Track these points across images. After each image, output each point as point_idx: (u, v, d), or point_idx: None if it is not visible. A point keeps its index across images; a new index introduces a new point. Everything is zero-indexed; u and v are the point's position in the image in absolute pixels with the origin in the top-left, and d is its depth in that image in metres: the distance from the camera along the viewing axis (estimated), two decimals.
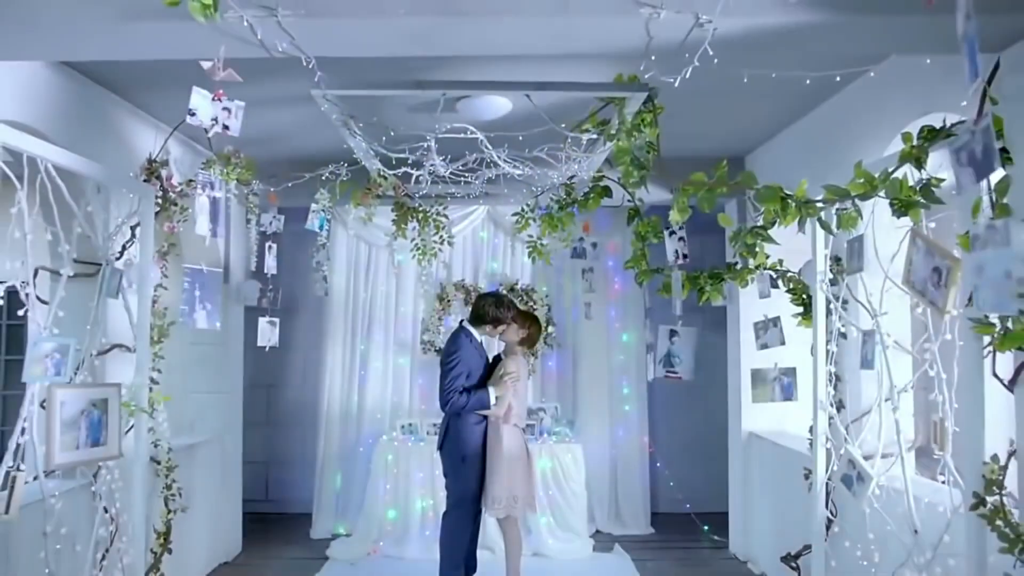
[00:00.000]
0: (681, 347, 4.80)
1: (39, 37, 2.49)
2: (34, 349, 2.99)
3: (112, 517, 3.72)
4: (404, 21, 2.37)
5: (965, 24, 1.59)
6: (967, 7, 1.58)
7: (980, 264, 1.95)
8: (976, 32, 1.61)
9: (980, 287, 1.99)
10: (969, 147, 1.88)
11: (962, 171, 1.95)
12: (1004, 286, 1.84)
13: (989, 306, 2.00)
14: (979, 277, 1.96)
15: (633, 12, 2.34)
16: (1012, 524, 2.53)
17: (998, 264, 1.87)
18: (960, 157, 1.95)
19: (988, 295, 1.92)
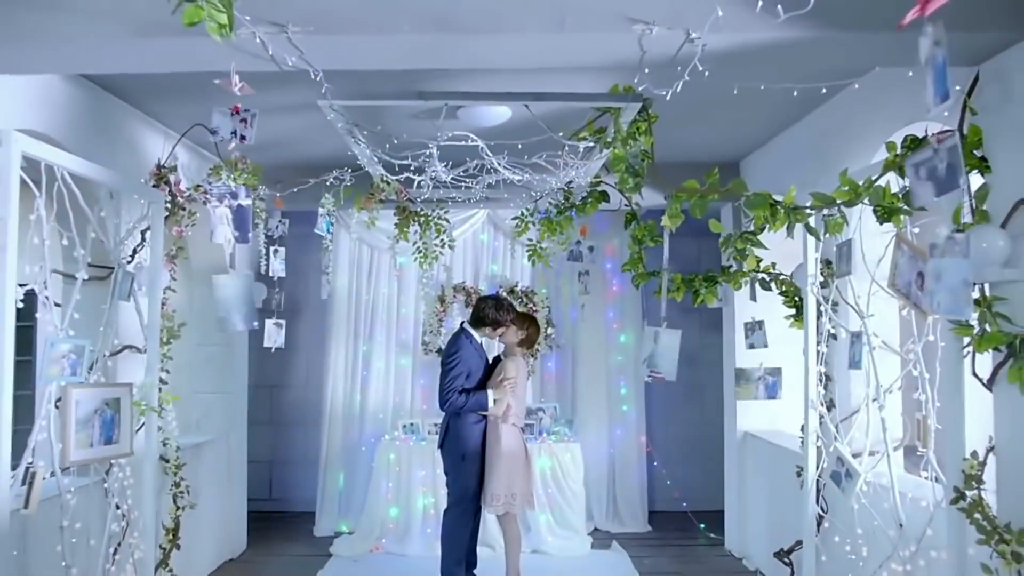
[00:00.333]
0: (665, 348, 4.90)
1: (61, 52, 2.60)
2: (51, 350, 3.10)
3: (123, 513, 3.83)
4: (408, 37, 2.49)
5: (932, 50, 1.70)
6: (934, 36, 1.69)
7: (938, 271, 2.07)
8: (944, 58, 1.72)
9: (937, 293, 2.11)
10: (931, 163, 2.00)
11: (920, 185, 2.07)
12: (961, 293, 1.95)
13: (945, 310, 2.12)
14: (936, 284, 2.08)
15: (626, 29, 2.46)
16: (989, 517, 2.64)
17: (957, 272, 1.98)
18: (919, 172, 2.06)
19: (945, 300, 2.04)
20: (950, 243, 2.07)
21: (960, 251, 2.01)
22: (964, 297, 1.97)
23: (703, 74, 2.68)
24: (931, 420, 3.03)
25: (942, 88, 1.76)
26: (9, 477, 2.80)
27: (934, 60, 1.73)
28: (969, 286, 1.97)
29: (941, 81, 1.75)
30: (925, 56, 1.78)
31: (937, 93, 1.77)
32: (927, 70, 1.77)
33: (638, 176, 3.23)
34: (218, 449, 5.54)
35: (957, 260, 2.00)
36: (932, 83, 1.77)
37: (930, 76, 1.77)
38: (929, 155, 2.01)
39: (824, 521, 4.06)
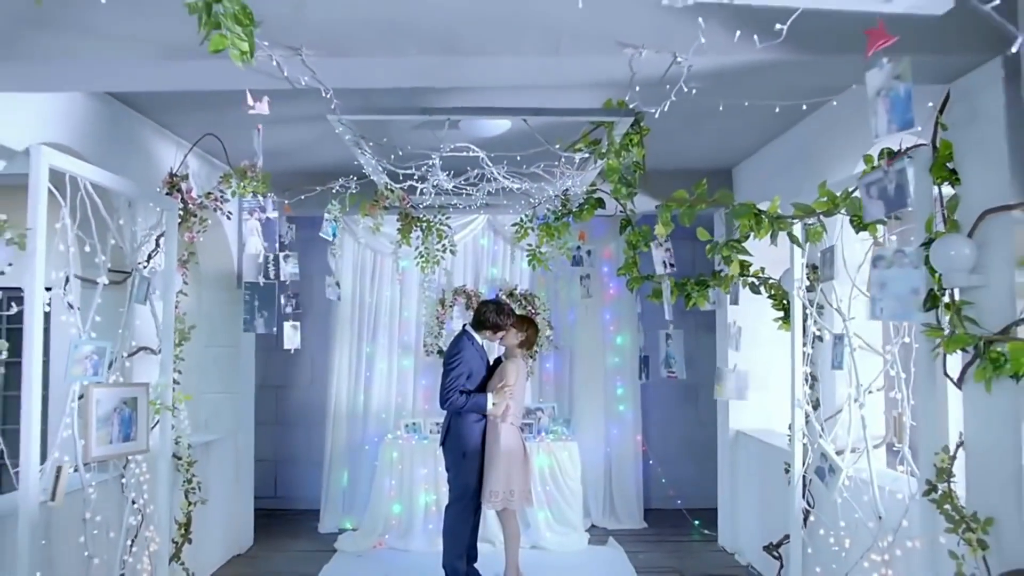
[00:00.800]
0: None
1: (91, 72, 2.78)
2: (75, 351, 3.28)
3: (139, 508, 4.00)
4: (414, 59, 2.66)
5: (891, 82, 1.87)
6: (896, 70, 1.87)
7: (883, 281, 2.25)
8: (907, 90, 1.89)
9: (881, 299, 2.30)
10: (881, 184, 2.18)
11: (871, 202, 2.25)
12: (909, 299, 2.13)
13: (889, 315, 2.31)
14: (881, 291, 2.26)
15: (617, 52, 2.64)
16: (957, 508, 2.82)
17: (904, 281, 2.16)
18: (870, 191, 2.24)
19: (890, 306, 2.22)
20: (898, 256, 2.25)
21: (910, 263, 2.19)
22: (913, 303, 2.15)
23: (691, 92, 2.87)
24: (906, 417, 3.20)
25: (904, 117, 1.93)
26: (38, 472, 2.98)
27: (894, 91, 1.91)
28: (918, 294, 2.15)
29: (902, 110, 1.92)
30: (875, 87, 1.95)
31: (896, 121, 1.94)
32: (877, 100, 1.94)
33: (631, 186, 3.41)
34: (226, 448, 5.71)
35: (905, 270, 2.18)
36: (889, 112, 1.95)
37: (883, 106, 1.94)
38: (880, 176, 2.19)
39: (811, 515, 4.24)
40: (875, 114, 1.96)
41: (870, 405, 3.66)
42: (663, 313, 4.88)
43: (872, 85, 1.97)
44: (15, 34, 2.64)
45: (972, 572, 2.73)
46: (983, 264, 2.77)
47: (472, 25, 2.58)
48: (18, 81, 2.86)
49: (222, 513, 5.53)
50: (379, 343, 6.88)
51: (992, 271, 2.74)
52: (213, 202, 4.79)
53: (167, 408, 4.16)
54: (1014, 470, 2.63)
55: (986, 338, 2.69)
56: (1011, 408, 2.65)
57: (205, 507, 4.82)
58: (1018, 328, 2.61)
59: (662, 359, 5.06)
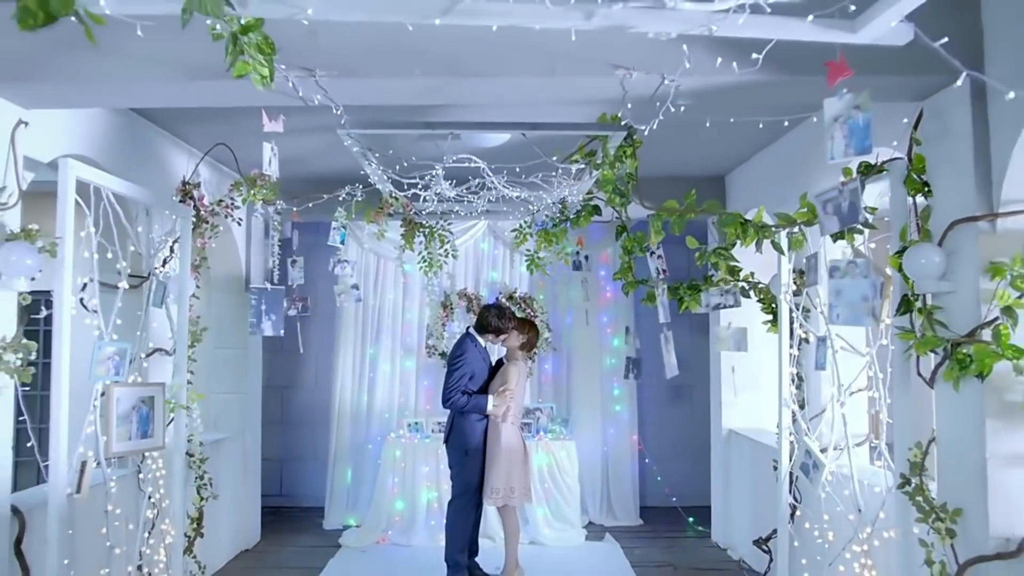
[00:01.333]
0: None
1: (118, 91, 2.98)
2: (98, 352, 3.47)
3: (155, 502, 4.19)
4: (420, 80, 2.86)
5: (851, 112, 2.06)
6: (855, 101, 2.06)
7: (839, 289, 2.45)
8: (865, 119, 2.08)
9: (837, 306, 2.50)
10: (836, 201, 2.37)
11: (826, 218, 2.45)
12: (860, 306, 2.33)
13: (843, 320, 2.51)
14: (836, 299, 2.46)
15: (609, 73, 2.83)
16: (928, 499, 3.01)
17: (856, 290, 2.35)
18: (826, 207, 2.44)
19: (844, 312, 2.42)
20: (851, 266, 2.45)
21: (861, 273, 2.38)
22: (864, 309, 2.35)
23: (679, 109, 3.06)
24: (883, 415, 3.39)
25: (862, 143, 2.12)
26: (66, 467, 3.17)
27: (853, 120, 2.10)
28: (867, 301, 2.34)
29: (861, 137, 2.11)
30: (833, 114, 2.14)
31: (854, 147, 2.13)
32: (835, 126, 2.13)
33: (624, 196, 3.60)
34: (234, 446, 5.89)
35: (858, 280, 2.37)
36: (847, 138, 2.14)
37: (841, 131, 2.13)
38: (835, 194, 2.39)
39: (797, 510, 4.43)
40: (832, 139, 2.15)
41: (854, 404, 3.84)
42: (657, 316, 5.06)
43: (830, 112, 2.16)
44: (51, 56, 2.83)
45: (940, 559, 2.92)
46: (952, 271, 2.97)
47: (473, 49, 2.77)
48: (53, 99, 3.06)
49: (230, 509, 5.70)
50: (382, 345, 7.07)
51: (960, 278, 2.93)
52: (224, 209, 4.98)
53: (182, 407, 4.34)
54: (979, 464, 2.82)
55: (953, 340, 2.89)
56: (977, 406, 2.84)
57: (214, 504, 4.99)
58: (983, 331, 2.81)
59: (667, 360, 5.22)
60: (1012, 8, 2.81)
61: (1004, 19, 2.85)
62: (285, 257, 5.35)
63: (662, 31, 2.04)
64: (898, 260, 3.10)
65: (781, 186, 5.01)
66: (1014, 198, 2.83)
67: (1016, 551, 2.68)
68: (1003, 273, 2.76)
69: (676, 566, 5.69)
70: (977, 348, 2.78)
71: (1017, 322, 2.72)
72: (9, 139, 3.10)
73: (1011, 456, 2.78)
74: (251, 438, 6.23)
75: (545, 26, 2.05)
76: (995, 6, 2.90)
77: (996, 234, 2.85)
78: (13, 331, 3.09)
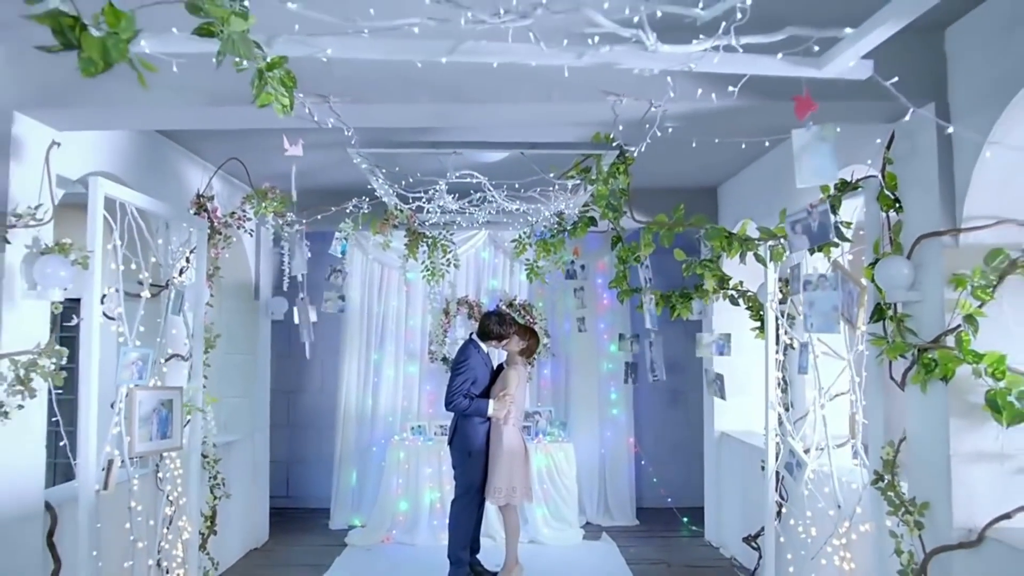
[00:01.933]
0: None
1: (146, 115, 3.22)
2: (124, 357, 3.69)
3: (172, 500, 4.41)
4: (425, 106, 3.09)
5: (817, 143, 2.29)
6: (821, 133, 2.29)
7: (812, 300, 2.68)
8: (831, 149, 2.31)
9: (810, 315, 2.73)
10: (805, 222, 2.60)
11: (795, 237, 2.68)
12: (831, 315, 2.56)
13: (816, 328, 2.74)
14: (810, 309, 2.69)
15: (601, 99, 3.07)
16: (899, 494, 3.23)
17: (827, 301, 2.59)
18: (795, 227, 2.67)
19: (817, 320, 2.66)
20: (822, 279, 2.68)
21: (830, 286, 2.61)
22: (834, 318, 2.58)
23: (667, 130, 3.30)
24: (859, 416, 3.62)
25: (828, 170, 2.35)
26: (95, 465, 3.39)
27: (818, 149, 2.33)
28: (838, 311, 2.57)
29: (826, 165, 2.34)
30: (800, 144, 2.37)
31: (818, 174, 2.36)
32: (801, 156, 2.37)
33: (616, 210, 3.83)
34: (244, 448, 6.11)
35: (828, 293, 2.61)
36: (811, 166, 2.36)
37: (808, 161, 2.36)
38: (804, 215, 2.62)
39: (783, 508, 4.64)
40: (799, 166, 2.38)
41: (836, 407, 4.07)
42: (648, 321, 5.29)
43: (798, 143, 2.39)
44: (84, 84, 3.06)
45: (909, 549, 3.14)
46: (919, 282, 3.20)
47: (475, 78, 3.00)
48: (84, 122, 3.29)
49: (240, 510, 5.92)
50: (386, 350, 7.30)
51: (926, 288, 3.16)
52: (236, 221, 5.22)
53: (198, 409, 4.57)
54: (944, 460, 3.05)
55: (920, 346, 3.12)
56: (942, 407, 3.07)
57: (224, 504, 5.21)
58: (947, 338, 3.03)
59: (648, 365, 5.46)
60: (971, 37, 3.05)
61: (964, 48, 3.09)
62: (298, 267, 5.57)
63: (645, 68, 2.26)
64: (871, 271, 3.33)
65: (770, 198, 5.24)
66: (975, 214, 3.06)
67: (976, 541, 2.90)
68: (965, 284, 2.99)
69: (670, 564, 5.90)
70: (941, 353, 3.01)
71: (977, 329, 2.95)
72: (44, 159, 3.34)
73: (973, 453, 3.01)
74: (260, 440, 6.45)
75: (541, 63, 2.28)
76: (956, 36, 3.14)
77: (959, 248, 3.08)
78: (47, 338, 3.32)
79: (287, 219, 5.22)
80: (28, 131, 3.26)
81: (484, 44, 2.22)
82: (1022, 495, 2.91)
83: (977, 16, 3.01)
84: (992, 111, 2.86)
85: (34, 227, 3.23)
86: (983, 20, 2.97)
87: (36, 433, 3.31)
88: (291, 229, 4.78)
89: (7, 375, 3.09)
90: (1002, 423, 2.86)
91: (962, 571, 2.95)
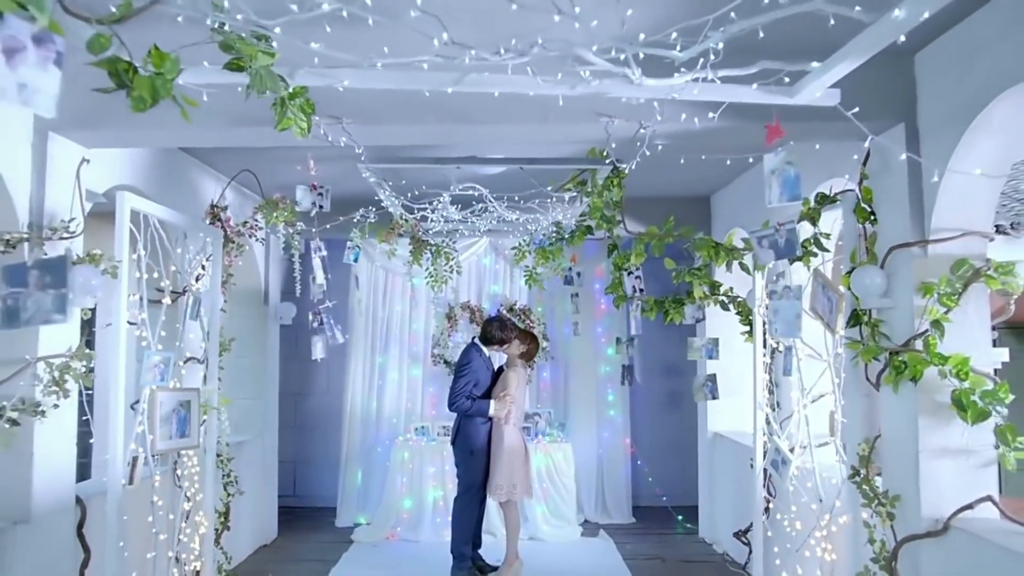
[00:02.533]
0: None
1: (171, 134, 3.46)
2: (147, 360, 3.93)
3: (189, 496, 4.63)
4: (431, 127, 3.33)
5: (785, 167, 2.53)
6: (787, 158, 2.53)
7: (776, 309, 2.92)
8: (796, 173, 2.55)
9: (775, 322, 2.97)
10: (772, 238, 2.84)
11: (762, 252, 2.92)
12: (794, 322, 2.80)
13: (780, 334, 2.98)
14: (775, 316, 2.93)
15: (595, 120, 3.30)
16: (873, 488, 3.46)
17: (790, 309, 2.82)
18: (762, 243, 2.91)
19: (781, 327, 2.90)
20: (786, 290, 2.92)
21: (794, 295, 2.85)
22: (795, 325, 2.82)
23: (657, 148, 3.53)
24: (838, 415, 3.85)
25: (793, 192, 2.59)
26: (122, 461, 3.62)
27: (786, 173, 2.57)
28: (799, 318, 2.81)
29: (792, 187, 2.58)
30: (770, 168, 2.61)
31: (787, 195, 2.60)
32: (772, 177, 2.60)
33: (611, 222, 4.06)
34: (254, 448, 6.34)
35: (791, 301, 2.84)
36: (780, 188, 2.61)
37: (777, 183, 2.60)
38: (771, 233, 2.86)
39: (771, 504, 4.87)
40: (769, 188, 2.62)
41: (820, 407, 4.29)
42: (645, 327, 5.52)
43: (768, 167, 2.63)
44: (113, 107, 3.29)
45: (881, 538, 3.37)
46: (892, 290, 3.43)
47: (478, 102, 3.23)
48: (113, 141, 3.54)
49: (250, 507, 6.15)
50: (390, 354, 7.55)
51: (898, 296, 3.40)
52: (249, 230, 5.45)
53: (214, 409, 4.80)
54: (914, 456, 3.28)
55: (891, 349, 3.35)
56: (911, 406, 3.30)
57: (236, 501, 5.43)
58: (916, 341, 3.26)
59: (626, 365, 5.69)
60: (938, 63, 3.29)
61: (931, 73, 3.33)
62: (306, 275, 5.80)
63: (632, 97, 2.50)
64: (848, 279, 3.57)
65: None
66: (942, 227, 3.29)
67: (942, 530, 3.13)
68: (932, 292, 3.22)
69: (665, 559, 6.13)
70: (911, 356, 3.24)
71: (944, 334, 3.18)
72: (75, 175, 3.58)
73: (939, 449, 3.24)
74: (269, 441, 6.68)
75: (538, 93, 2.51)
76: (924, 61, 3.38)
77: (927, 258, 3.31)
78: (77, 342, 3.55)
79: (297, 228, 5.46)
80: (61, 150, 3.50)
81: (486, 76, 2.46)
82: (984, 487, 3.14)
83: (943, 43, 3.24)
84: (955, 132, 3.10)
85: (67, 239, 3.47)
86: (948, 47, 3.21)
87: (68, 431, 3.54)
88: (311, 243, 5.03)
89: (43, 377, 3.33)
90: (967, 421, 3.09)
91: (929, 558, 3.18)
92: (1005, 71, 2.80)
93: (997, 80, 2.83)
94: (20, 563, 3.21)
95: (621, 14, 2.13)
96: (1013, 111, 2.88)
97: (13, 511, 3.26)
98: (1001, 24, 2.83)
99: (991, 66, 2.89)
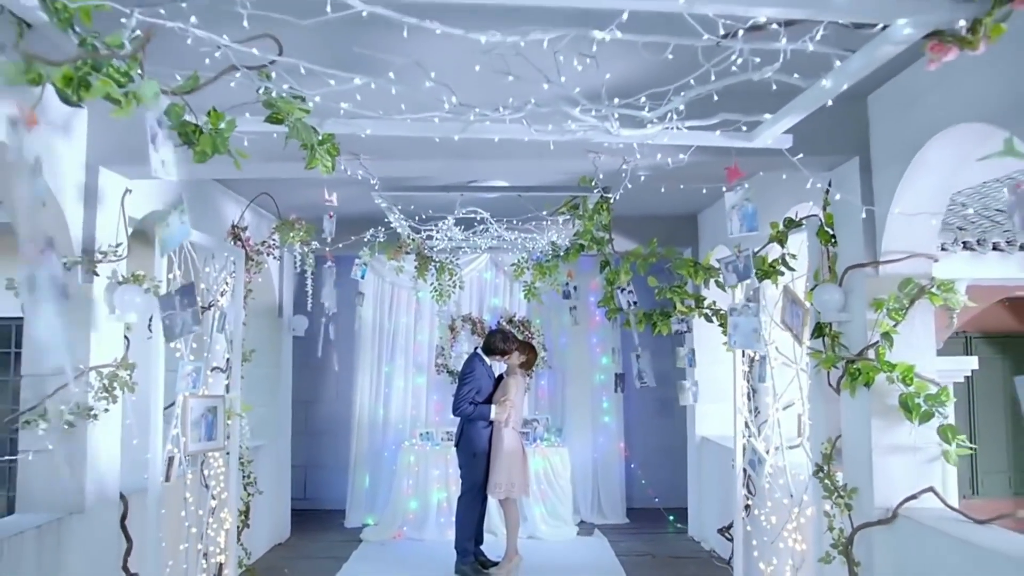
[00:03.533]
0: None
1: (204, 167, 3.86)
2: (181, 369, 4.34)
3: (215, 495, 5.04)
4: (440, 162, 3.77)
5: (743, 203, 2.95)
6: (745, 194, 2.95)
7: (736, 324, 3.34)
8: (754, 208, 2.98)
9: (734, 335, 3.40)
10: (735, 263, 3.27)
11: (727, 274, 3.35)
12: (751, 336, 3.22)
13: (739, 345, 3.40)
14: (734, 330, 3.35)
15: (584, 156, 3.74)
16: (834, 481, 3.87)
17: (748, 324, 3.25)
18: (728, 267, 3.34)
19: (739, 339, 3.32)
20: (744, 307, 3.34)
21: (751, 312, 3.28)
22: (754, 338, 3.25)
23: (640, 178, 3.97)
24: (805, 417, 4.26)
25: (751, 224, 3.02)
26: (161, 460, 4.04)
27: (745, 208, 3.00)
28: (757, 331, 3.24)
29: (750, 220, 3.01)
30: (731, 204, 3.04)
31: (746, 227, 3.03)
32: (733, 212, 3.04)
33: (601, 243, 4.49)
34: (269, 452, 6.75)
35: (749, 317, 3.27)
36: (739, 221, 3.03)
37: (737, 216, 3.03)
38: (733, 259, 3.29)
39: (750, 502, 5.27)
40: (731, 221, 3.05)
41: (793, 410, 4.70)
42: (633, 338, 5.92)
43: (729, 203, 3.06)
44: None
45: (840, 527, 3.78)
46: (849, 305, 3.85)
47: (481, 142, 3.66)
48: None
49: (266, 507, 6.54)
50: (397, 363, 7.98)
51: (854, 310, 3.82)
52: (267, 248, 5.88)
53: (239, 415, 5.21)
54: (868, 452, 3.69)
55: (848, 358, 3.77)
56: (866, 408, 3.71)
57: (252, 503, 5.83)
58: (869, 351, 3.68)
59: (635, 374, 6.09)
60: (885, 105, 3.72)
61: (881, 113, 3.76)
62: (318, 291, 6.24)
63: (613, 143, 2.93)
64: (811, 295, 3.99)
65: None
66: (891, 249, 3.71)
67: (891, 518, 3.54)
68: (882, 307, 3.64)
69: (655, 555, 6.53)
70: (864, 364, 3.66)
71: (892, 344, 3.60)
72: (120, 204, 4.00)
73: (890, 446, 3.65)
74: (283, 445, 7.09)
75: (532, 139, 2.94)
76: (875, 103, 3.81)
77: (879, 277, 3.73)
78: (123, 353, 3.97)
79: (312, 247, 5.89)
80: (108, 182, 3.93)
81: (488, 125, 2.89)
82: (927, 480, 3.56)
83: (890, 88, 3.67)
84: (899, 168, 3.53)
85: (114, 261, 3.89)
86: (894, 91, 3.64)
87: (114, 433, 3.96)
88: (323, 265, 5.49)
89: (95, 384, 3.74)
90: (913, 421, 3.51)
91: (880, 543, 3.59)
92: (936, 117, 3.23)
93: (929, 125, 3.26)
94: (75, 551, 3.62)
95: (600, 79, 2.56)
96: (945, 152, 3.31)
97: (70, 503, 3.67)
98: (933, 75, 3.26)
99: (925, 112, 3.32)
